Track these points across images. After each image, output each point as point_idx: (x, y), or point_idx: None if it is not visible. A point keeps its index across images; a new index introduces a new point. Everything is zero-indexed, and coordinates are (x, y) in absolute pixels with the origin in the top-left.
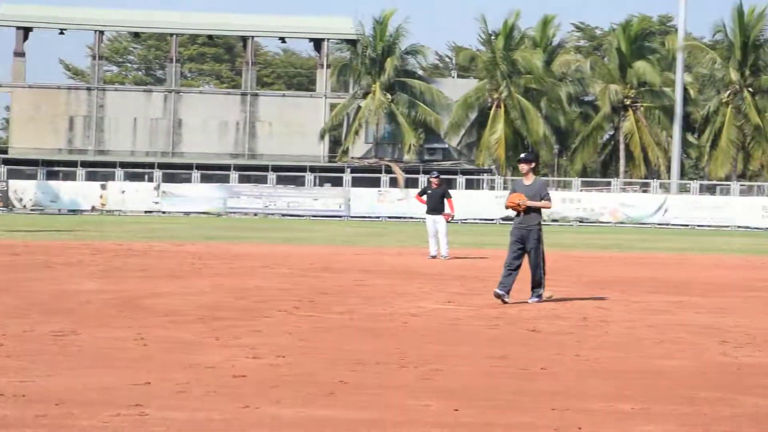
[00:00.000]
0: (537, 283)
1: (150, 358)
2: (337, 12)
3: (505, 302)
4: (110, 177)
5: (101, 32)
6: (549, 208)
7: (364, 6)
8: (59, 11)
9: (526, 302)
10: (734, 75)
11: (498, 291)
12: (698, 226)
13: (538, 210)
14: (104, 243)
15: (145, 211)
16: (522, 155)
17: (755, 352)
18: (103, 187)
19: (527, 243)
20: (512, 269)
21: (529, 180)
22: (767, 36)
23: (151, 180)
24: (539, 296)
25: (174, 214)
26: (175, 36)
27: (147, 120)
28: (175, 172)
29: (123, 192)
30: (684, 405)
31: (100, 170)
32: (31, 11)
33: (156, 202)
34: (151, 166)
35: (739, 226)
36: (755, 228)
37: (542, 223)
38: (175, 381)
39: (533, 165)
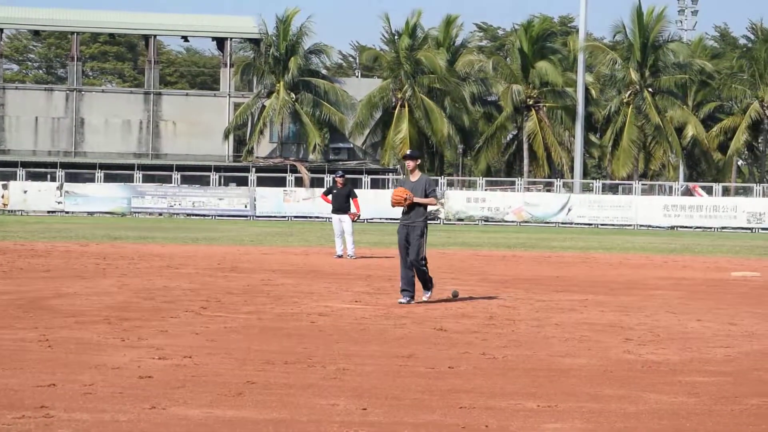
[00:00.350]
0: (423, 282)
1: (55, 359)
2: (240, 11)
3: (422, 301)
4: (12, 177)
5: (0, 30)
6: (434, 205)
7: (268, 5)
8: None
9: (429, 301)
10: (634, 75)
11: (402, 300)
12: (601, 225)
13: (423, 207)
14: (6, 243)
15: (48, 211)
16: (408, 152)
17: (658, 350)
18: (5, 186)
19: (410, 239)
20: (409, 268)
21: (415, 177)
22: (666, 37)
23: (53, 180)
24: (429, 290)
25: (77, 214)
26: (76, 34)
27: (49, 119)
28: (78, 171)
29: (25, 192)
30: (589, 402)
31: (1, 170)
32: None
33: (59, 202)
34: (53, 165)
35: (641, 225)
36: (657, 227)
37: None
38: (81, 382)
39: (419, 162)
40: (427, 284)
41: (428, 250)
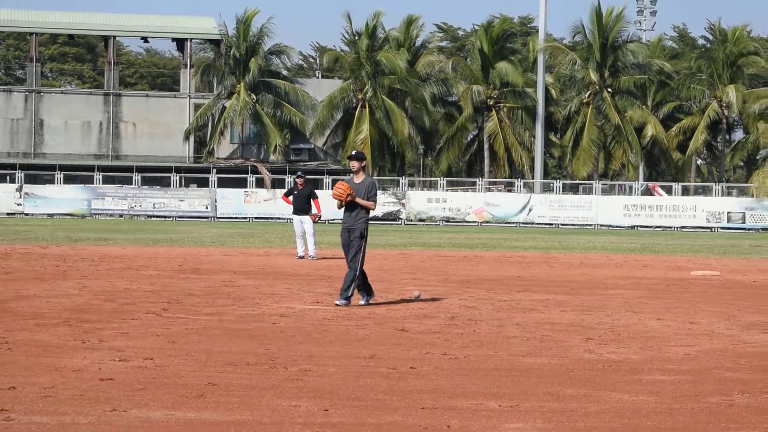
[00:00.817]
0: (347, 285)
1: (15, 362)
2: (200, 12)
3: (369, 303)
4: None
5: None
6: (372, 208)
7: (227, 6)
8: None
9: (386, 301)
10: (594, 76)
11: (361, 302)
12: (562, 224)
13: (365, 210)
14: None
15: (7, 213)
16: (353, 152)
17: (619, 349)
18: None
19: (351, 240)
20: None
21: (359, 179)
22: (625, 37)
23: (13, 181)
24: (347, 300)
25: (37, 216)
26: (35, 35)
27: (8, 120)
28: (38, 173)
29: None
30: (551, 401)
31: None
32: None
33: (18, 204)
34: (12, 167)
35: (601, 225)
36: (617, 226)
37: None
38: (41, 385)
39: (363, 163)
40: (348, 290)
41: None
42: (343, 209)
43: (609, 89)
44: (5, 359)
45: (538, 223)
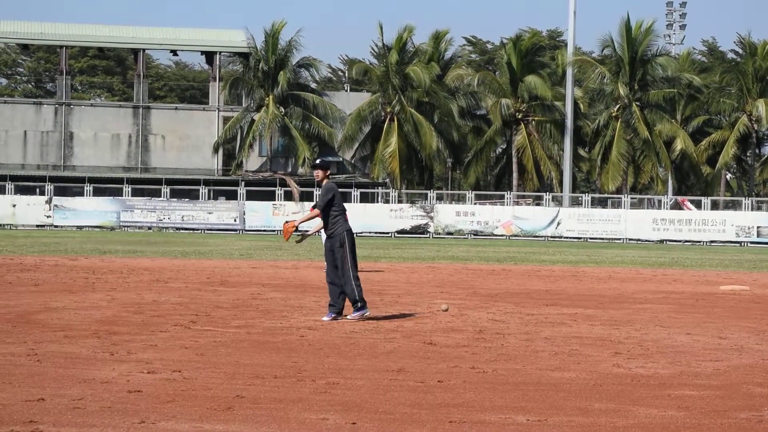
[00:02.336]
0: (352, 297)
1: (44, 373)
2: (228, 25)
3: (334, 320)
4: (0, 191)
5: None
6: (316, 215)
7: (256, 19)
8: None
9: (413, 315)
10: (623, 89)
11: (325, 318)
12: (590, 238)
13: (335, 217)
14: None
15: (37, 225)
16: (316, 161)
17: (647, 363)
18: None
19: (335, 252)
20: (335, 283)
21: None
22: (654, 51)
23: (42, 194)
24: (360, 309)
25: (66, 228)
26: (65, 48)
27: (37, 133)
28: (67, 185)
29: (14, 206)
30: (579, 416)
31: None
32: None
33: (48, 216)
34: (42, 179)
35: (630, 239)
36: (646, 240)
37: (350, 230)
38: (70, 397)
39: (327, 172)
40: (357, 303)
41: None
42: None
43: (638, 103)
44: (34, 371)
45: (567, 237)
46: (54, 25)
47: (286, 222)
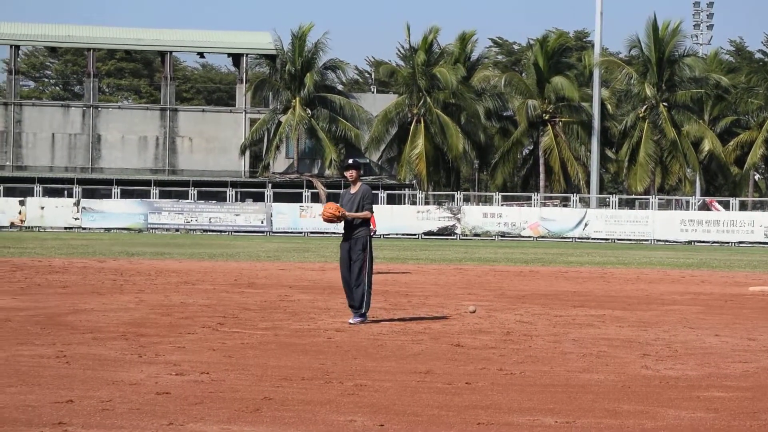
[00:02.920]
0: (359, 302)
1: (72, 375)
2: (255, 27)
3: (363, 322)
4: (29, 193)
5: (17, 47)
6: (367, 218)
7: (283, 21)
8: None
9: (441, 316)
10: (650, 90)
11: (351, 321)
12: (618, 239)
13: (365, 220)
14: (24, 260)
15: (65, 228)
16: (349, 161)
17: (676, 365)
18: (22, 203)
19: (352, 254)
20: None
21: (355, 188)
22: (682, 51)
23: (70, 196)
24: (362, 316)
25: (94, 231)
26: (92, 51)
27: (65, 135)
28: (95, 188)
29: (42, 208)
30: (607, 418)
31: (18, 186)
32: None
33: (76, 219)
34: (70, 182)
35: (658, 240)
36: (674, 241)
37: (372, 234)
38: (99, 398)
39: (360, 172)
40: (362, 306)
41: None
42: (342, 223)
43: (665, 103)
44: (63, 372)
45: (594, 238)
46: (81, 28)
47: (339, 211)
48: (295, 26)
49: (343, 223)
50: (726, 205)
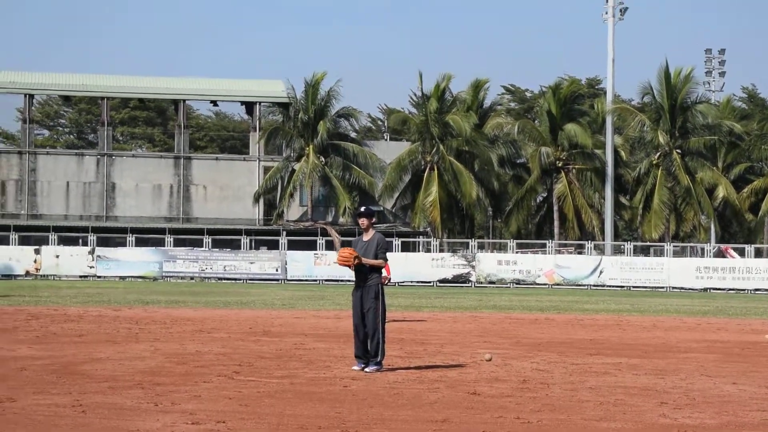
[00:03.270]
0: (374, 351)
1: (89, 424)
2: (268, 75)
3: (381, 370)
4: (44, 241)
5: (31, 96)
6: (382, 266)
7: (296, 69)
8: None
9: (457, 364)
10: (663, 137)
11: (355, 367)
12: (633, 287)
13: (377, 268)
14: (39, 308)
15: (80, 276)
16: (361, 209)
17: (694, 414)
18: (37, 251)
19: (364, 302)
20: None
21: (368, 236)
22: (694, 98)
23: (85, 244)
24: (378, 364)
25: (109, 279)
26: (106, 99)
27: (80, 184)
28: (110, 236)
29: (57, 256)
30: None
31: (33, 234)
32: None
33: (91, 267)
34: (85, 230)
35: (673, 287)
36: (689, 288)
37: (387, 282)
38: None
39: (373, 220)
40: (377, 355)
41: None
42: (354, 270)
43: (678, 150)
44: (80, 422)
45: (609, 286)
46: (95, 77)
47: (354, 255)
48: (308, 74)
49: (354, 271)
50: (741, 252)
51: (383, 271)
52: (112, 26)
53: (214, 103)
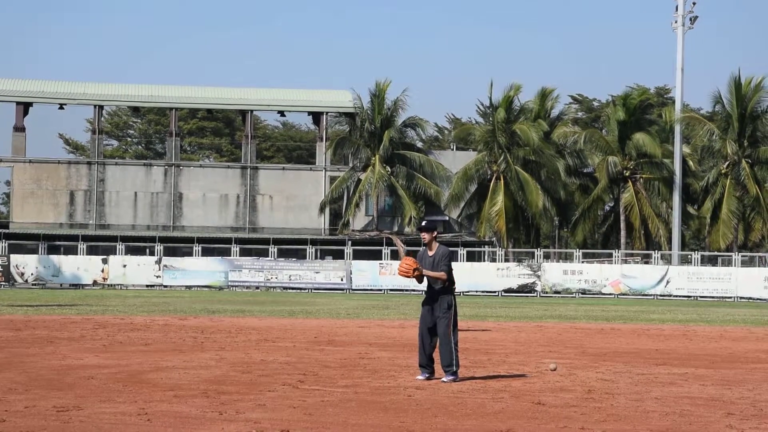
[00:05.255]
0: (448, 360)
1: None
2: (334, 85)
3: (456, 380)
4: (111, 251)
5: (101, 107)
6: (442, 279)
7: (363, 78)
8: (59, 86)
9: (522, 374)
10: (732, 146)
11: (420, 377)
12: (700, 297)
13: (448, 285)
14: (106, 317)
15: (147, 285)
16: (423, 223)
17: (761, 424)
18: (105, 261)
19: (435, 311)
20: (431, 345)
21: (432, 250)
22: (764, 107)
23: (152, 254)
24: (454, 374)
25: (175, 288)
26: (174, 110)
27: (147, 194)
28: (177, 245)
29: (124, 266)
30: None
31: (101, 244)
32: (31, 86)
33: (157, 276)
34: (152, 240)
35: (741, 297)
36: (758, 299)
37: (455, 292)
38: None
39: (435, 234)
40: (452, 365)
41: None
42: (425, 282)
43: (748, 160)
44: (145, 430)
45: (676, 296)
46: (164, 88)
47: (415, 267)
48: (377, 82)
49: (426, 283)
50: None
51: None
52: (182, 39)
53: (282, 113)
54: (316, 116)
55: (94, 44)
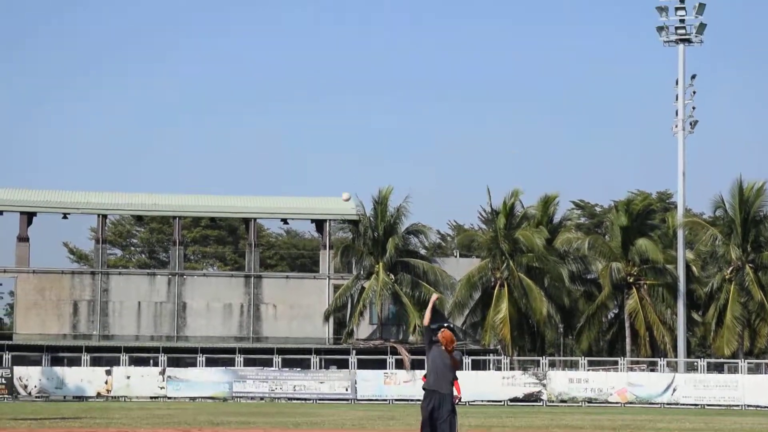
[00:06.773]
0: None
1: None
2: (337, 193)
3: None
4: (115, 362)
5: (104, 216)
6: (459, 372)
7: (363, 186)
8: (62, 195)
9: None
10: (736, 251)
11: None
12: (707, 405)
13: (451, 384)
14: (110, 430)
15: (151, 397)
16: (444, 324)
17: None
18: (108, 372)
19: (440, 412)
20: None
21: (450, 351)
22: (767, 211)
23: (156, 364)
24: None
25: (180, 400)
26: (177, 219)
27: (151, 304)
28: (180, 356)
29: (128, 377)
30: None
31: (104, 355)
32: (35, 196)
33: (161, 387)
34: (156, 350)
35: (748, 405)
36: (765, 407)
37: (457, 402)
38: None
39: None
40: None
41: None
42: (429, 378)
43: (751, 265)
44: None
45: (683, 404)
46: (167, 197)
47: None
48: (376, 191)
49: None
50: None
51: (454, 390)
52: (184, 147)
53: (285, 221)
54: (319, 224)
55: (97, 154)
